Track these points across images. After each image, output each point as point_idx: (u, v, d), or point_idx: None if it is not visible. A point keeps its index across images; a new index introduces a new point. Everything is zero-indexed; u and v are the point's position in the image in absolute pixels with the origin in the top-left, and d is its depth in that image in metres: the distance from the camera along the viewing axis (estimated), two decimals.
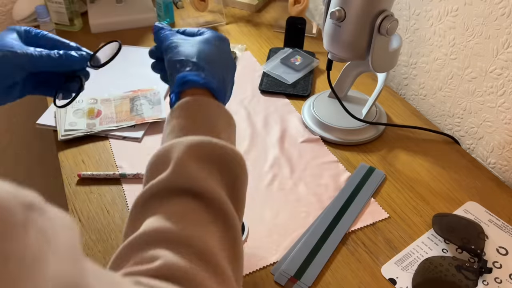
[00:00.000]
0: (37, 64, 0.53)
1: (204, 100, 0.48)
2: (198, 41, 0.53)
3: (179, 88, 0.48)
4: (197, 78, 0.48)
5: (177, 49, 0.52)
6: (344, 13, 0.70)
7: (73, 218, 0.68)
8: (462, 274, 0.59)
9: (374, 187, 0.73)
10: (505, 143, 0.77)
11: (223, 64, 0.54)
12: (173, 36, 0.54)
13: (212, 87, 0.49)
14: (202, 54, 0.51)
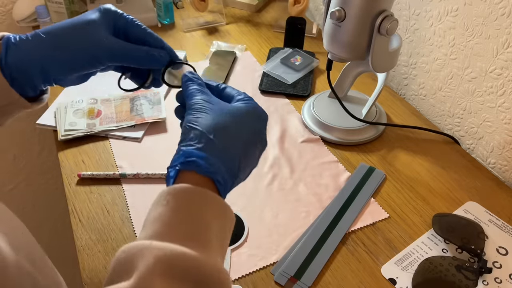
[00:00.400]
0: (116, 59, 0.51)
1: (202, 194, 0.41)
2: (227, 111, 0.46)
3: (181, 165, 0.42)
4: (203, 164, 0.41)
5: (198, 115, 0.45)
6: (344, 13, 0.70)
7: (73, 218, 0.68)
8: (462, 274, 0.59)
9: (374, 187, 0.73)
10: (505, 143, 0.77)
11: (248, 147, 0.46)
12: (201, 95, 0.47)
13: (217, 180, 0.42)
14: (223, 132, 0.44)
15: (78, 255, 0.63)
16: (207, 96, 0.47)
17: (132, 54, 0.51)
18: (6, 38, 0.48)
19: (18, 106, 0.50)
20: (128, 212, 0.69)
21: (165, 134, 0.83)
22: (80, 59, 0.49)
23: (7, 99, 0.49)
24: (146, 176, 0.74)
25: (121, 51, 0.50)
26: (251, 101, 0.49)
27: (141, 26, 0.52)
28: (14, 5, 1.11)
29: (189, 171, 0.42)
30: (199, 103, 0.46)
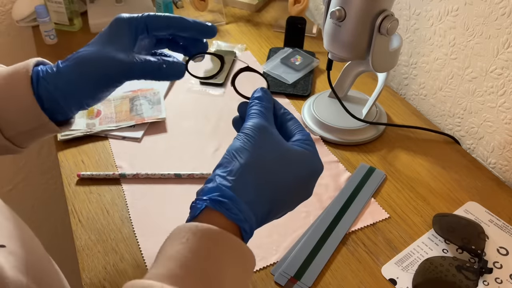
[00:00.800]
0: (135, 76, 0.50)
1: (225, 239, 0.38)
2: (281, 150, 0.43)
3: (211, 202, 0.39)
4: (233, 209, 0.39)
5: (247, 144, 0.42)
6: (344, 13, 0.70)
7: (73, 218, 0.68)
8: (463, 274, 0.59)
9: (374, 187, 0.73)
10: (506, 143, 0.77)
11: (289, 196, 0.44)
12: (262, 121, 0.44)
13: (243, 229, 0.40)
14: (266, 175, 0.41)
15: (77, 255, 0.63)
16: (267, 124, 0.44)
17: (150, 72, 0.50)
18: (35, 72, 0.49)
19: (46, 130, 0.51)
20: (128, 212, 0.69)
21: (165, 134, 0.83)
22: (104, 85, 0.50)
23: (37, 122, 0.49)
24: (146, 176, 0.73)
25: (139, 72, 0.50)
26: (311, 147, 0.45)
27: (162, 18, 0.51)
28: (13, 5, 1.11)
29: (216, 210, 0.39)
30: (255, 130, 0.43)
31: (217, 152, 0.79)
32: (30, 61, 0.50)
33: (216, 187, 0.40)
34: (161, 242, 0.64)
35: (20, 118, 0.49)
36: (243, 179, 0.40)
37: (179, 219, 0.67)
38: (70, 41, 1.06)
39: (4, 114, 0.48)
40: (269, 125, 0.44)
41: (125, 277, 0.60)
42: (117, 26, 0.51)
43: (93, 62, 0.49)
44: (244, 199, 0.40)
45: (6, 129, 0.49)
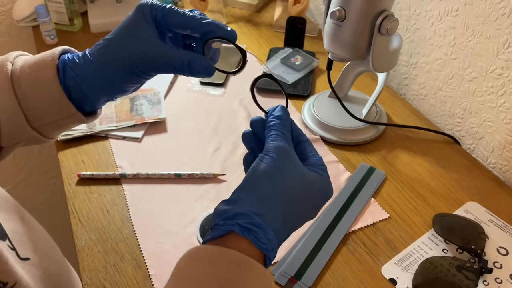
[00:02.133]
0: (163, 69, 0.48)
1: (251, 266, 0.37)
2: (301, 177, 0.42)
3: (240, 229, 0.38)
4: (262, 238, 0.38)
5: (273, 170, 0.41)
6: (344, 13, 0.70)
7: (73, 218, 0.68)
8: (463, 274, 0.59)
9: (374, 187, 0.73)
10: (506, 143, 0.77)
11: (302, 220, 0.43)
12: (285, 144, 0.43)
13: (269, 257, 0.39)
14: (290, 202, 0.40)
15: (78, 255, 0.63)
16: (290, 149, 0.43)
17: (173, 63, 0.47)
18: (62, 61, 0.48)
19: (74, 120, 0.50)
20: (128, 212, 0.69)
21: (165, 134, 0.83)
22: (131, 77, 0.48)
23: (64, 113, 0.48)
24: (146, 176, 0.73)
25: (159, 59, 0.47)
26: (325, 172, 0.45)
27: (179, 13, 0.48)
28: (14, 5, 1.11)
29: (244, 237, 0.38)
30: (280, 154, 0.42)
31: (217, 152, 0.79)
32: (56, 49, 0.49)
33: (246, 214, 0.39)
34: (161, 242, 0.64)
35: (47, 108, 0.48)
36: (272, 207, 0.39)
37: (179, 219, 0.68)
38: (71, 41, 1.06)
39: (31, 104, 0.47)
40: (291, 149, 0.44)
41: (125, 277, 0.60)
42: (140, 13, 0.48)
43: (120, 54, 0.47)
44: (272, 228, 0.39)
45: (33, 119, 0.48)
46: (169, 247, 0.64)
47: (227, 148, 0.80)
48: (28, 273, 0.36)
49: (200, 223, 0.67)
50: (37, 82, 0.47)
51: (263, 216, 0.39)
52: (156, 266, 0.62)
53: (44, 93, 0.47)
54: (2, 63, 0.48)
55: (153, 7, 0.47)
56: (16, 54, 0.50)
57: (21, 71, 0.47)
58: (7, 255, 0.33)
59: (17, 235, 0.39)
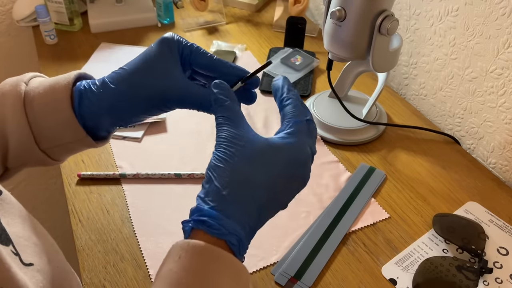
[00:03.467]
0: (184, 105, 0.48)
1: (214, 254, 0.38)
2: (256, 152, 0.41)
3: (194, 223, 0.40)
4: (214, 225, 0.39)
5: (219, 161, 0.41)
6: (344, 13, 0.70)
7: (73, 218, 0.68)
8: (463, 274, 0.59)
9: (374, 187, 0.73)
10: (506, 143, 0.77)
11: (276, 194, 0.42)
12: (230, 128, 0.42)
13: (230, 242, 0.39)
14: (244, 184, 0.40)
15: (78, 255, 0.63)
16: (237, 129, 0.42)
17: (200, 101, 0.47)
18: (78, 88, 0.47)
19: (83, 144, 0.49)
20: (128, 212, 0.69)
21: (165, 134, 0.83)
22: (150, 107, 0.47)
23: (74, 137, 0.48)
24: (146, 176, 0.73)
25: (189, 99, 0.47)
26: (293, 137, 0.43)
27: (206, 54, 0.48)
28: (14, 5, 1.11)
29: (200, 229, 0.39)
30: (225, 143, 0.41)
31: None
32: (72, 73, 0.49)
33: (196, 208, 0.40)
34: (161, 242, 0.64)
35: (56, 131, 0.47)
36: (220, 194, 0.40)
37: (179, 219, 0.67)
38: (70, 41, 1.06)
39: (41, 125, 0.47)
40: (236, 129, 0.42)
41: (125, 277, 0.60)
42: (166, 46, 0.47)
43: (145, 84, 0.46)
44: (225, 214, 0.39)
45: (41, 141, 0.48)
46: (169, 247, 0.64)
47: None
48: (32, 279, 0.36)
49: None
50: (49, 104, 0.47)
51: (213, 206, 0.39)
52: (156, 266, 0.61)
53: (55, 115, 0.47)
54: (16, 83, 0.48)
55: (180, 43, 0.47)
56: (32, 75, 0.50)
57: (35, 92, 0.47)
58: (9, 261, 0.33)
59: (22, 239, 0.39)
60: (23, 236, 0.39)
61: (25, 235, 0.40)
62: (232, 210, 0.40)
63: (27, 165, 0.51)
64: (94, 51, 1.02)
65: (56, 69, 0.97)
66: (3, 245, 0.35)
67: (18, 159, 0.49)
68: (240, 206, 0.40)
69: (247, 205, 0.40)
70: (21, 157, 0.49)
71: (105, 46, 1.04)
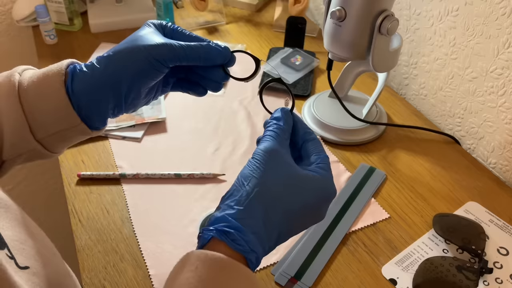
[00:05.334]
0: (177, 56, 0.47)
1: (233, 267, 0.37)
2: (291, 178, 0.42)
3: (217, 233, 0.39)
4: (238, 239, 0.38)
5: (256, 172, 0.41)
6: (344, 13, 0.70)
7: (73, 218, 0.68)
8: (463, 275, 0.59)
9: (374, 187, 0.73)
10: (506, 143, 0.77)
11: (298, 223, 0.43)
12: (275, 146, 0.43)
13: (249, 259, 0.39)
14: (274, 204, 0.40)
15: (77, 255, 0.63)
16: (279, 148, 0.43)
17: (192, 51, 0.48)
18: (71, 68, 0.48)
19: (78, 132, 0.49)
20: (128, 212, 0.69)
21: (165, 134, 0.83)
22: (145, 68, 0.47)
23: (68, 123, 0.48)
24: (146, 176, 0.73)
25: (181, 49, 0.48)
26: (325, 171, 0.44)
27: (185, 33, 0.50)
28: (14, 5, 1.11)
29: (222, 240, 0.39)
30: (265, 155, 0.42)
31: (217, 152, 0.79)
32: (64, 61, 0.49)
33: (222, 217, 0.39)
34: (161, 242, 0.64)
35: (52, 118, 0.47)
36: (250, 208, 0.39)
37: (179, 219, 0.68)
38: (70, 41, 1.06)
39: (36, 113, 0.47)
40: (281, 149, 0.43)
41: (125, 277, 0.60)
42: (148, 26, 0.50)
43: (129, 50, 0.47)
44: (251, 230, 0.39)
45: (37, 130, 0.48)
46: (169, 247, 0.64)
47: (227, 148, 0.80)
48: (28, 282, 0.35)
49: (200, 223, 0.67)
50: (43, 90, 0.47)
51: (240, 219, 0.39)
52: (156, 266, 0.61)
53: (49, 101, 0.47)
54: (10, 73, 0.48)
55: (161, 24, 0.51)
56: (24, 67, 0.51)
57: (29, 81, 0.48)
58: (5, 264, 0.33)
59: (17, 243, 0.38)
60: (19, 239, 0.39)
61: (21, 238, 0.39)
62: (258, 228, 0.39)
63: (22, 156, 0.50)
64: (94, 51, 1.02)
65: None
66: None
67: (14, 148, 0.49)
68: (266, 225, 0.40)
69: (272, 226, 0.40)
70: (16, 146, 0.48)
71: (105, 46, 1.04)
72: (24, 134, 0.47)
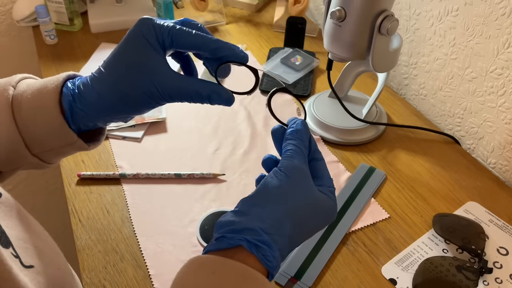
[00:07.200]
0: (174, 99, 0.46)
1: (255, 279, 0.37)
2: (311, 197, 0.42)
3: (248, 244, 0.38)
4: (269, 256, 0.38)
5: (284, 188, 0.41)
6: (344, 13, 0.70)
7: (73, 218, 0.68)
8: (463, 274, 0.59)
9: (374, 187, 0.73)
10: (506, 143, 0.77)
11: (303, 238, 0.43)
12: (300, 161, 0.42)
13: (272, 274, 0.39)
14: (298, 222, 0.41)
15: (78, 255, 0.63)
16: (305, 168, 0.43)
17: (189, 93, 0.45)
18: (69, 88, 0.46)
19: (75, 148, 0.49)
20: (128, 212, 0.69)
21: (165, 134, 0.83)
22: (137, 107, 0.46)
23: (65, 141, 0.47)
24: (146, 176, 0.73)
25: (177, 92, 0.45)
26: (333, 195, 0.45)
27: (190, 34, 0.44)
28: (14, 5, 1.11)
29: (251, 253, 0.38)
30: (295, 172, 0.41)
31: (217, 152, 0.79)
32: (61, 76, 0.47)
33: (254, 230, 0.38)
34: (161, 242, 0.64)
35: (47, 136, 0.46)
36: (280, 226, 0.39)
37: (179, 219, 0.68)
38: (70, 41, 1.06)
39: (31, 130, 0.46)
40: (306, 168, 0.43)
41: (125, 277, 0.60)
42: (143, 35, 0.44)
43: (131, 89, 0.44)
44: (278, 246, 0.39)
45: (32, 146, 0.47)
46: (169, 247, 0.64)
47: (227, 148, 0.80)
48: (32, 281, 0.36)
49: (200, 223, 0.67)
50: (37, 109, 0.46)
51: (271, 234, 0.39)
52: (156, 266, 0.62)
53: (44, 120, 0.46)
54: (4, 87, 0.47)
55: (157, 31, 0.44)
56: (20, 77, 0.49)
57: (23, 96, 0.46)
58: (10, 263, 0.33)
59: (21, 242, 0.38)
60: (23, 238, 0.39)
61: (25, 237, 0.39)
62: (284, 245, 0.40)
63: (20, 169, 0.50)
64: (94, 51, 1.02)
65: (56, 69, 0.97)
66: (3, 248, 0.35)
67: (10, 163, 0.49)
68: (290, 243, 0.40)
69: (294, 244, 0.41)
70: (13, 161, 0.48)
71: (105, 46, 1.04)
72: (20, 149, 0.47)
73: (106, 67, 0.46)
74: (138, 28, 0.44)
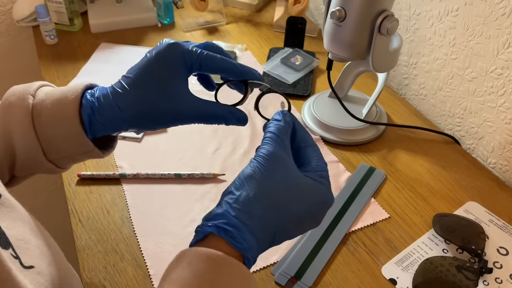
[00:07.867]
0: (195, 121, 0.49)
1: (229, 264, 0.37)
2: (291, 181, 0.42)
3: (216, 229, 0.39)
4: (237, 237, 0.39)
5: (257, 174, 0.41)
6: (344, 13, 0.70)
7: (73, 218, 0.68)
8: (463, 274, 0.59)
9: (374, 187, 0.73)
10: (506, 143, 0.77)
11: (294, 226, 0.43)
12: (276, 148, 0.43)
13: (246, 257, 0.39)
14: (274, 205, 0.41)
15: (78, 255, 0.63)
16: (280, 151, 0.43)
17: (209, 117, 0.49)
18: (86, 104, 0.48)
19: (90, 155, 0.50)
20: (128, 212, 0.69)
21: (165, 134, 0.83)
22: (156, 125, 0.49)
23: (82, 149, 0.49)
24: (146, 176, 0.73)
25: (198, 115, 0.48)
26: (324, 179, 0.44)
27: (216, 60, 0.48)
28: (14, 5, 1.11)
29: (220, 237, 0.39)
30: (267, 158, 0.42)
31: (217, 152, 0.79)
32: (79, 86, 0.49)
33: (222, 214, 0.40)
34: (161, 242, 0.64)
35: (65, 144, 0.48)
36: (250, 208, 0.40)
37: (179, 219, 0.68)
38: (71, 41, 1.06)
39: (49, 138, 0.48)
40: (282, 152, 0.43)
41: (125, 277, 0.60)
42: (173, 59, 0.47)
43: (154, 104, 0.47)
44: (249, 229, 0.39)
45: (49, 152, 0.49)
46: (169, 247, 0.64)
47: (227, 148, 0.80)
48: (32, 281, 0.36)
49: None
50: (57, 119, 0.47)
51: (240, 217, 0.39)
52: (156, 266, 0.62)
53: (63, 130, 0.48)
54: (23, 96, 0.48)
55: (186, 56, 0.47)
56: (38, 85, 0.50)
57: (43, 106, 0.48)
58: (9, 264, 0.33)
59: (22, 242, 0.39)
60: (23, 239, 0.39)
61: (25, 238, 0.40)
62: (256, 227, 0.40)
63: (34, 174, 0.52)
64: (94, 51, 1.02)
65: (56, 69, 0.97)
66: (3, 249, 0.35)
67: (26, 169, 0.51)
68: (264, 226, 0.40)
69: (269, 227, 0.41)
70: (29, 167, 0.50)
71: (105, 46, 1.04)
72: (37, 156, 0.48)
73: (130, 85, 0.47)
74: (169, 53, 0.47)
